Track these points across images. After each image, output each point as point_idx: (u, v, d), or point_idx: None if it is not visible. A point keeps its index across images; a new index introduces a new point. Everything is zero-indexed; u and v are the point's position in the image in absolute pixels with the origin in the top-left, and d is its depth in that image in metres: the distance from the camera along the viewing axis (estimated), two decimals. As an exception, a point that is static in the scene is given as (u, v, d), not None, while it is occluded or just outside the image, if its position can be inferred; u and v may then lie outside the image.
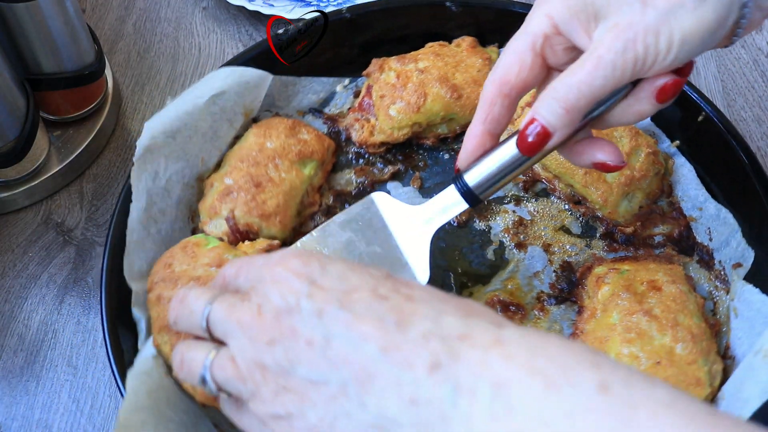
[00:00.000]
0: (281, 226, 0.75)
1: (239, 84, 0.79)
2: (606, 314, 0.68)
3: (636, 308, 0.67)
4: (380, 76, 0.84)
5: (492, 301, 0.74)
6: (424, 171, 0.84)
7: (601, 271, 0.73)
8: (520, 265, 0.77)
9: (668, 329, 0.65)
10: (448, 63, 0.83)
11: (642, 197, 0.79)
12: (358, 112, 0.85)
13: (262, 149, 0.77)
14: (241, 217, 0.73)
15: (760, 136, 0.92)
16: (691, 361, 0.64)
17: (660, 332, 0.65)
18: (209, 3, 1.06)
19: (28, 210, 0.86)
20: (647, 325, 0.65)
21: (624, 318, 0.67)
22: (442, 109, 0.81)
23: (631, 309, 0.67)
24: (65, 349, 0.77)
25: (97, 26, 1.03)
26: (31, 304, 0.80)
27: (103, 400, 0.74)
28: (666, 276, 0.70)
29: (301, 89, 0.87)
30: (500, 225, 0.80)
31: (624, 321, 0.66)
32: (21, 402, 0.74)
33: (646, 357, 0.64)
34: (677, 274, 0.72)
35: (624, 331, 0.65)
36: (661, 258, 0.74)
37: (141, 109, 0.95)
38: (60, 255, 0.83)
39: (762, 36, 1.02)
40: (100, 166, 0.90)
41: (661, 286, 0.69)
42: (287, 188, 0.76)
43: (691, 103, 0.80)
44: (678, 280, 0.70)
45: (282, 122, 0.81)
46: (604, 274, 0.72)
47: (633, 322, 0.66)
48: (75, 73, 0.84)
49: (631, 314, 0.67)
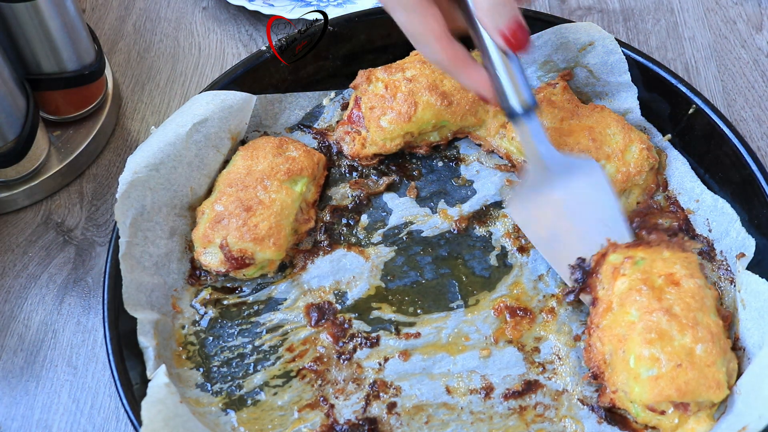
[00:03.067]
0: (276, 247, 0.75)
1: (222, 109, 0.79)
2: (623, 309, 0.68)
3: (655, 306, 0.66)
4: (368, 87, 0.83)
5: (499, 307, 0.75)
6: (419, 180, 0.84)
7: (616, 260, 0.71)
8: (523, 268, 0.77)
9: (688, 329, 0.65)
10: (436, 70, 0.83)
11: (639, 193, 0.79)
12: (347, 124, 0.84)
13: (250, 172, 0.77)
14: (234, 243, 0.73)
15: (760, 136, 0.92)
16: (711, 363, 0.64)
17: (680, 332, 0.65)
18: (209, 3, 1.06)
19: (28, 210, 0.86)
20: (668, 325, 0.65)
21: (643, 316, 0.66)
22: (433, 117, 0.81)
23: (651, 306, 0.66)
24: (65, 349, 0.77)
25: (97, 26, 1.03)
26: (31, 304, 0.80)
27: (103, 400, 0.74)
28: (683, 269, 0.69)
29: (287, 106, 0.87)
30: (501, 230, 0.80)
31: (643, 319, 0.66)
32: (21, 402, 0.74)
33: (667, 359, 0.64)
34: (692, 264, 0.71)
35: (644, 331, 0.65)
36: (674, 245, 0.73)
37: (141, 109, 0.95)
38: (60, 255, 0.83)
39: (762, 36, 1.02)
40: (100, 166, 0.90)
41: (680, 280, 0.68)
42: (278, 209, 0.76)
43: (680, 97, 0.80)
44: (695, 272, 0.70)
45: (269, 141, 0.80)
46: (619, 263, 0.71)
47: (653, 321, 0.65)
48: (75, 73, 0.84)
49: (650, 312, 0.66)
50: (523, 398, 0.70)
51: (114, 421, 0.73)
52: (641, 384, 0.64)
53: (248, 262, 0.74)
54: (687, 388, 0.63)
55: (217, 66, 0.99)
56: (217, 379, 0.71)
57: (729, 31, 1.02)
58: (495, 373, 0.71)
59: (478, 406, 0.69)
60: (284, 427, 0.68)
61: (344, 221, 0.81)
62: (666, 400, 0.64)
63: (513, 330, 0.73)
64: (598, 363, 0.68)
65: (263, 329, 0.74)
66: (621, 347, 0.66)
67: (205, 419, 0.67)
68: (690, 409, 0.64)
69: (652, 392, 0.64)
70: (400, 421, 0.69)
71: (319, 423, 0.68)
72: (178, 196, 0.76)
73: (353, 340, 0.73)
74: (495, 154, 0.85)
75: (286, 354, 0.73)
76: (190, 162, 0.77)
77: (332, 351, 0.73)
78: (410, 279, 0.77)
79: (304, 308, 0.75)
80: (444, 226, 0.80)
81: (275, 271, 0.77)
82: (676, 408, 0.64)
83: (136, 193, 0.72)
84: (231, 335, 0.74)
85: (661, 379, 0.63)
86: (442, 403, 0.70)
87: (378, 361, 0.72)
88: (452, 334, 0.73)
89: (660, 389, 0.63)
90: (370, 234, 0.80)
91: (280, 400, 0.70)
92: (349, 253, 0.78)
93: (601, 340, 0.68)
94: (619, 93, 0.84)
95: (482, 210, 0.81)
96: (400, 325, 0.74)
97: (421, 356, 0.72)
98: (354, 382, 0.71)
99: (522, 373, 0.71)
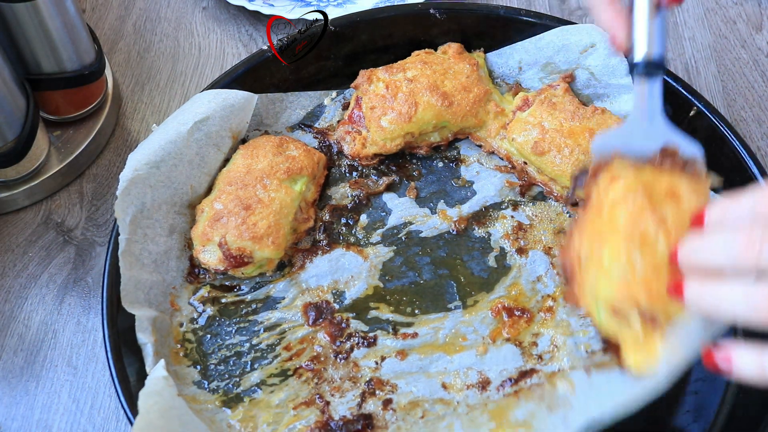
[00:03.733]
0: (274, 246, 0.75)
1: (223, 108, 0.79)
2: (613, 210, 0.61)
3: (647, 211, 0.58)
4: (369, 87, 0.84)
5: (497, 307, 0.74)
6: (419, 180, 0.84)
7: (617, 169, 0.64)
8: (522, 270, 0.77)
9: (675, 238, 0.57)
10: (437, 71, 0.83)
11: None
12: (348, 124, 0.85)
13: (250, 170, 0.77)
14: (233, 241, 0.74)
15: (760, 136, 0.92)
16: None
17: (666, 244, 0.57)
18: (209, 3, 1.06)
19: (28, 210, 0.86)
20: (654, 233, 0.58)
21: (631, 217, 0.59)
22: (433, 117, 0.81)
23: (642, 210, 0.59)
24: (65, 349, 0.77)
25: (97, 26, 1.03)
26: (31, 304, 0.80)
27: (103, 400, 0.74)
28: (690, 190, 0.61)
29: (288, 105, 0.87)
30: (500, 231, 0.80)
31: (630, 220, 0.59)
32: (21, 402, 0.74)
33: (644, 264, 0.57)
34: (701, 190, 0.62)
35: (628, 232, 0.58)
36: (689, 174, 0.63)
37: (141, 109, 0.95)
38: (60, 255, 0.83)
39: (762, 36, 1.02)
40: (100, 166, 0.90)
41: (682, 196, 0.60)
42: (277, 208, 0.76)
43: (681, 99, 0.80)
44: (701, 197, 0.61)
45: (269, 140, 0.80)
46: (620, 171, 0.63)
47: (640, 224, 0.58)
48: (75, 73, 0.84)
49: (640, 214, 0.59)
50: (517, 384, 0.70)
51: (114, 421, 0.73)
52: (612, 281, 0.59)
53: (247, 261, 0.74)
54: (659, 296, 0.57)
55: (217, 66, 1.00)
56: (214, 376, 0.71)
57: (729, 31, 1.02)
58: (492, 369, 0.71)
59: (474, 399, 0.69)
60: (279, 424, 0.68)
61: (343, 221, 0.81)
62: (633, 302, 0.58)
63: (510, 329, 0.73)
64: (572, 261, 0.63)
65: (261, 328, 0.74)
66: (599, 245, 0.60)
67: (202, 416, 0.67)
68: (657, 324, 0.59)
69: (621, 291, 0.58)
70: (395, 417, 0.69)
71: (314, 420, 0.68)
72: (178, 194, 0.77)
73: (350, 339, 0.73)
74: (495, 155, 0.85)
75: (283, 353, 0.73)
76: (190, 160, 0.77)
77: (329, 350, 0.73)
78: (408, 279, 0.77)
79: (302, 307, 0.75)
80: (443, 227, 0.80)
81: (274, 270, 0.77)
82: (642, 318, 0.59)
83: (136, 190, 0.72)
84: (229, 333, 0.74)
85: (634, 283, 0.57)
86: (438, 399, 0.70)
87: (375, 360, 0.72)
88: (449, 334, 0.73)
89: (630, 290, 0.57)
90: (369, 234, 0.80)
91: (277, 399, 0.70)
92: (348, 253, 0.79)
93: (580, 236, 0.62)
94: (620, 95, 0.84)
95: (481, 211, 0.81)
96: (397, 325, 0.74)
97: (418, 356, 0.72)
98: (350, 380, 0.71)
99: (519, 365, 0.71)
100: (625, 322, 0.60)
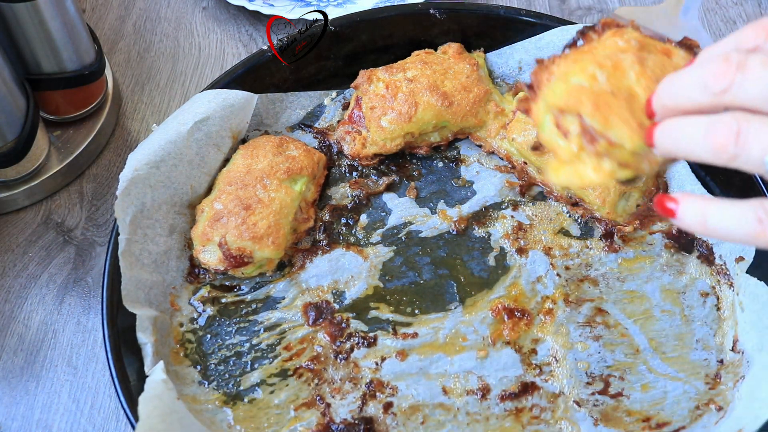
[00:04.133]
0: (274, 246, 0.75)
1: (223, 108, 0.79)
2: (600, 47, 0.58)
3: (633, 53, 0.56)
4: (369, 87, 0.84)
5: (497, 308, 0.75)
6: (419, 180, 0.84)
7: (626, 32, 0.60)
8: (522, 270, 0.77)
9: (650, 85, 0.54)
10: (436, 71, 0.83)
11: (639, 196, 0.79)
12: (348, 124, 0.85)
13: (250, 170, 0.77)
14: (233, 241, 0.74)
15: (759, 137, 0.92)
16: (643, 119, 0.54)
17: (637, 81, 0.54)
18: (209, 3, 1.07)
19: (28, 210, 0.86)
20: (630, 67, 0.55)
21: (612, 51, 0.56)
22: (433, 117, 0.81)
23: (628, 51, 0.56)
24: (65, 349, 0.77)
25: (97, 26, 1.03)
26: (31, 304, 0.80)
27: (103, 400, 0.74)
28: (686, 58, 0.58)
29: (288, 105, 0.87)
30: (500, 231, 0.80)
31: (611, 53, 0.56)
32: (21, 402, 0.74)
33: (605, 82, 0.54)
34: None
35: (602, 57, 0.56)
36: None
37: (141, 109, 0.95)
38: (60, 255, 0.83)
39: (762, 36, 1.01)
40: (100, 166, 0.90)
41: (673, 55, 0.57)
42: (277, 208, 0.76)
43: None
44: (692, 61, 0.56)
45: (269, 140, 0.81)
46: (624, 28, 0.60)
47: (618, 56, 0.55)
48: (75, 73, 0.84)
49: (623, 52, 0.56)
50: (519, 400, 0.70)
51: (114, 421, 0.73)
52: (566, 87, 0.56)
53: (247, 261, 0.74)
54: (605, 109, 0.53)
55: (217, 66, 1.00)
56: (214, 376, 0.71)
57: (729, 31, 1.02)
58: (492, 375, 0.71)
59: (475, 407, 0.69)
60: (280, 426, 0.69)
61: (343, 221, 0.81)
62: (578, 107, 0.54)
63: (511, 331, 0.73)
64: (543, 77, 0.59)
65: (261, 328, 0.74)
66: (573, 66, 0.57)
67: (202, 416, 0.68)
68: (597, 144, 0.55)
69: (570, 94, 0.55)
70: (396, 421, 0.69)
71: (315, 422, 0.69)
72: (178, 194, 0.77)
73: (350, 339, 0.73)
74: (495, 155, 0.85)
75: (283, 353, 0.73)
76: (190, 160, 0.77)
77: (329, 350, 0.73)
78: (408, 279, 0.77)
79: (302, 307, 0.75)
80: (443, 227, 0.80)
81: (274, 270, 0.77)
82: (583, 132, 0.55)
83: (136, 190, 0.72)
84: (229, 333, 0.74)
85: (585, 92, 0.54)
86: (439, 404, 0.70)
87: (375, 360, 0.72)
88: (449, 334, 0.73)
89: (579, 96, 0.54)
90: (369, 234, 0.80)
91: (277, 399, 0.70)
92: (348, 253, 0.79)
93: (562, 60, 0.59)
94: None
95: (481, 211, 0.81)
96: (397, 325, 0.74)
97: (418, 356, 0.72)
98: (350, 381, 0.71)
99: (519, 374, 0.71)
100: (564, 137, 0.56)
